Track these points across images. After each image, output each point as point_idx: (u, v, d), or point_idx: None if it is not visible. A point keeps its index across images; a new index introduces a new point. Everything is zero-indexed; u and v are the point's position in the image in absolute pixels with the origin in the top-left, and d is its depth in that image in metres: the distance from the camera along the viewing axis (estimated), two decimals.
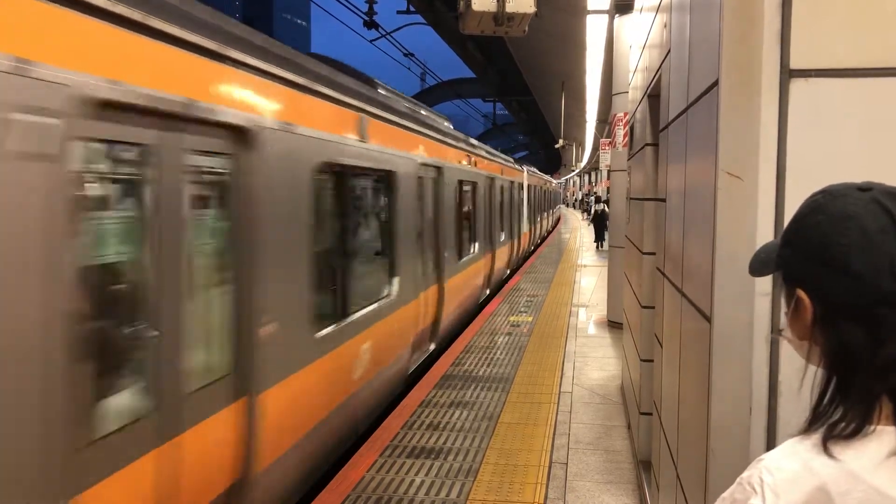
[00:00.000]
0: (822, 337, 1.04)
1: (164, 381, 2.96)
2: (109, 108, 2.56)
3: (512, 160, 18.62)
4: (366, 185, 6.09)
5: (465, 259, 10.05)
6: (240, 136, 3.57)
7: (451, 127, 10.72)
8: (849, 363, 1.00)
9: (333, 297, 5.03)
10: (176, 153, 3.06)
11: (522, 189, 19.31)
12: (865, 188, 1.04)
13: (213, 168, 3.50)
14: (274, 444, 3.82)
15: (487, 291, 12.63)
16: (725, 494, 1.04)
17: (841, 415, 0.99)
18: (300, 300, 4.24)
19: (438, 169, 8.39)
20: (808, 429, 1.03)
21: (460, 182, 9.85)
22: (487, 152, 13.21)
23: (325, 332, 4.59)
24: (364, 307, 5.47)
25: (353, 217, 5.59)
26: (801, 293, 1.06)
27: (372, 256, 6.28)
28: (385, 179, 6.36)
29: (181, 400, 3.05)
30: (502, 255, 14.42)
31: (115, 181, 2.88)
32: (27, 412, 2.21)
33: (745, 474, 1.03)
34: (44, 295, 2.26)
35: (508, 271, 15.88)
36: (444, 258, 8.49)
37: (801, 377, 1.08)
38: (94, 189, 2.71)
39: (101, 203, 2.81)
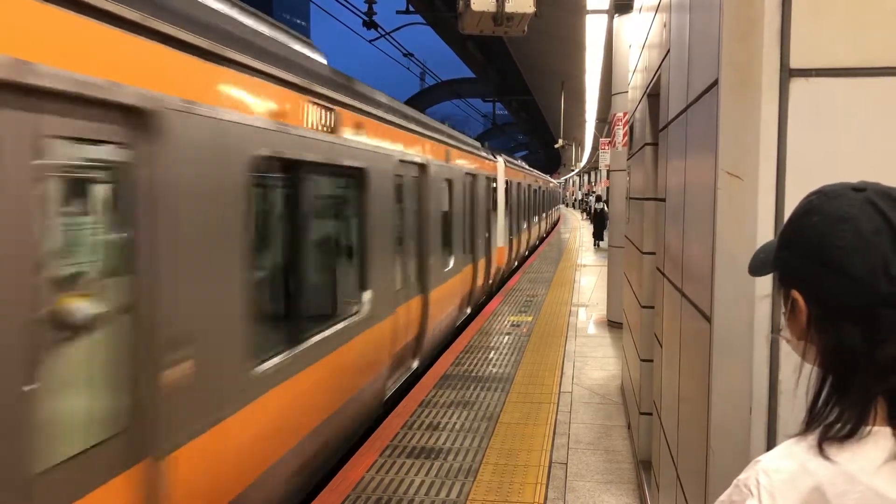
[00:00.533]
0: (819, 337, 1.04)
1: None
2: None
3: (479, 146, 12.92)
4: None
5: (320, 342, 4.55)
6: None
7: (325, 63, 5.29)
8: (847, 364, 1.00)
9: None
10: None
11: (495, 187, 13.91)
12: (860, 188, 1.04)
13: None
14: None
15: (415, 366, 7.41)
16: (723, 497, 1.04)
17: (837, 415, 0.99)
18: None
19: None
20: (805, 430, 1.03)
21: (315, 168, 4.58)
22: (418, 123, 7.64)
23: None
24: None
25: None
26: (797, 294, 1.07)
27: None
28: None
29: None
30: (453, 291, 9.20)
31: None
32: None
33: (741, 476, 1.03)
34: None
35: (469, 310, 10.79)
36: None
37: (797, 377, 1.08)
38: None
39: None
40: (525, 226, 19.51)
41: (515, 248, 17.40)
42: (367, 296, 5.61)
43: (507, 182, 15.25)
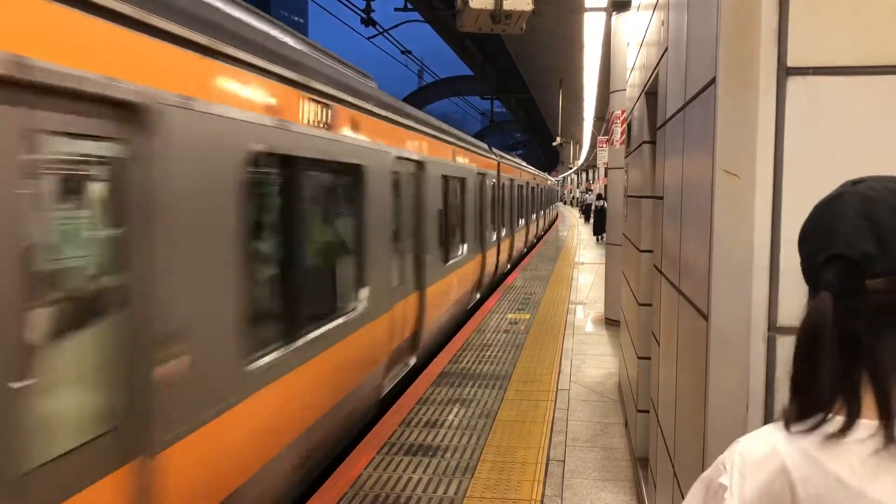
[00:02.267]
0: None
1: None
2: None
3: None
4: None
5: None
6: None
7: None
8: (811, 345, 1.04)
9: None
10: None
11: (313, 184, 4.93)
12: (857, 181, 1.07)
13: None
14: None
15: None
16: (705, 473, 1.09)
17: (799, 396, 1.03)
18: None
19: None
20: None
21: None
22: None
23: None
24: None
25: None
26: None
27: None
28: None
29: None
30: None
31: None
32: None
33: (722, 455, 1.07)
34: None
35: None
36: None
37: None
38: None
39: None
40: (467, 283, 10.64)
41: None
42: None
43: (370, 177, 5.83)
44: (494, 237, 13.64)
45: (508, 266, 16.39)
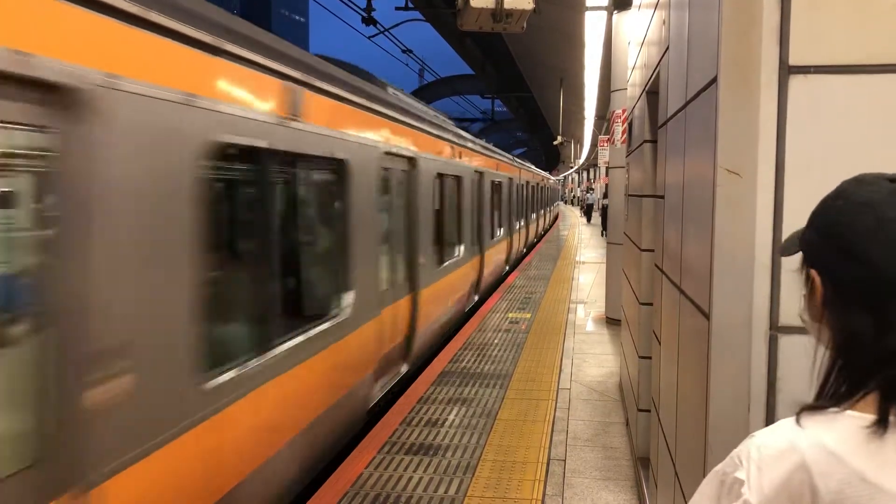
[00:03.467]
0: (831, 320, 1.05)
1: None
2: None
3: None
4: None
5: None
6: None
7: None
8: (851, 349, 1.01)
9: None
10: None
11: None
12: (894, 179, 1.05)
13: None
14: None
15: None
16: (718, 467, 1.08)
17: (832, 392, 1.02)
18: None
19: None
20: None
21: None
22: None
23: None
24: None
25: None
26: (815, 274, 1.08)
27: None
28: None
29: None
30: None
31: None
32: None
33: (737, 449, 1.06)
34: None
35: None
36: None
37: (812, 361, 1.10)
38: None
39: None
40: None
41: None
42: None
43: None
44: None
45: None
